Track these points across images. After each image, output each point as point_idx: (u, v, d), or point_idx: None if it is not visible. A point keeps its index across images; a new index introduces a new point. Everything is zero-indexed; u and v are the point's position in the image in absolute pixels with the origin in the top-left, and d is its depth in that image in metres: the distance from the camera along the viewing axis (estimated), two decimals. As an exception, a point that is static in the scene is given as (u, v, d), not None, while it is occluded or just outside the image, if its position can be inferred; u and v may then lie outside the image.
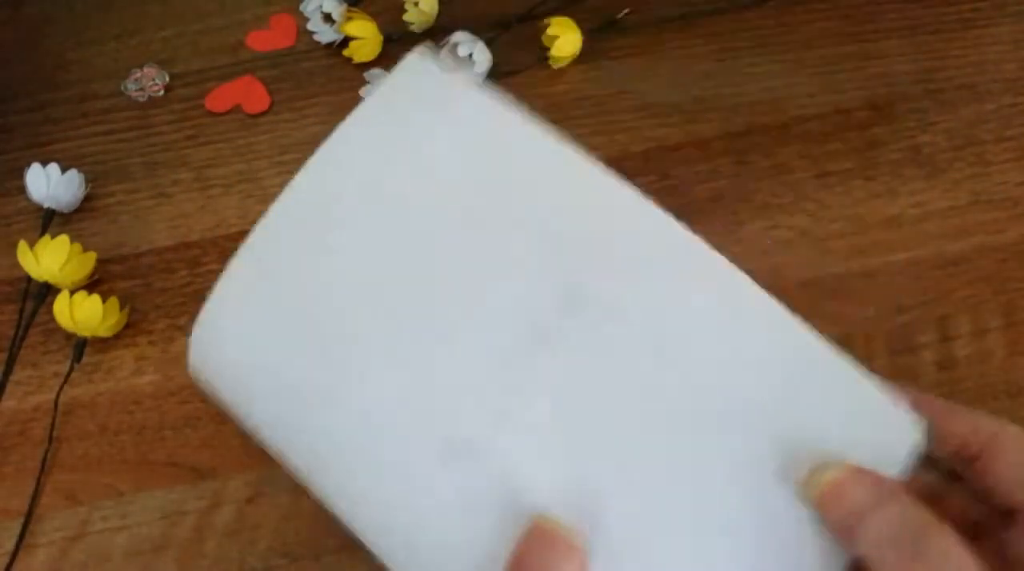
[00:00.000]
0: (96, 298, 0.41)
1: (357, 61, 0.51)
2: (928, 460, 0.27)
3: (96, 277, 0.45)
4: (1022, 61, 0.49)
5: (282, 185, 0.47)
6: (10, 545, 0.38)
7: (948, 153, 0.45)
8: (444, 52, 0.50)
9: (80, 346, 0.42)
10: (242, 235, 0.45)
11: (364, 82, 0.49)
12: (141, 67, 0.52)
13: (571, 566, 0.26)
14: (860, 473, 0.27)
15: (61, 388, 0.41)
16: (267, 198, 0.47)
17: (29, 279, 0.44)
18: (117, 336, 0.43)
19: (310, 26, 0.53)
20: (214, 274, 0.45)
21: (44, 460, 0.40)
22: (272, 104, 0.50)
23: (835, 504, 0.26)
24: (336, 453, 0.27)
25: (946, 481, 0.29)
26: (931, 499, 0.26)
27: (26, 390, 0.42)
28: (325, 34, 0.52)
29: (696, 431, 0.27)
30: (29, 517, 0.38)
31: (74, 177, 0.46)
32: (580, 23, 0.49)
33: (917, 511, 0.26)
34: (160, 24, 0.55)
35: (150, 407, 0.41)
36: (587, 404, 0.27)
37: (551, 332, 0.27)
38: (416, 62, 0.30)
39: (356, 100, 0.50)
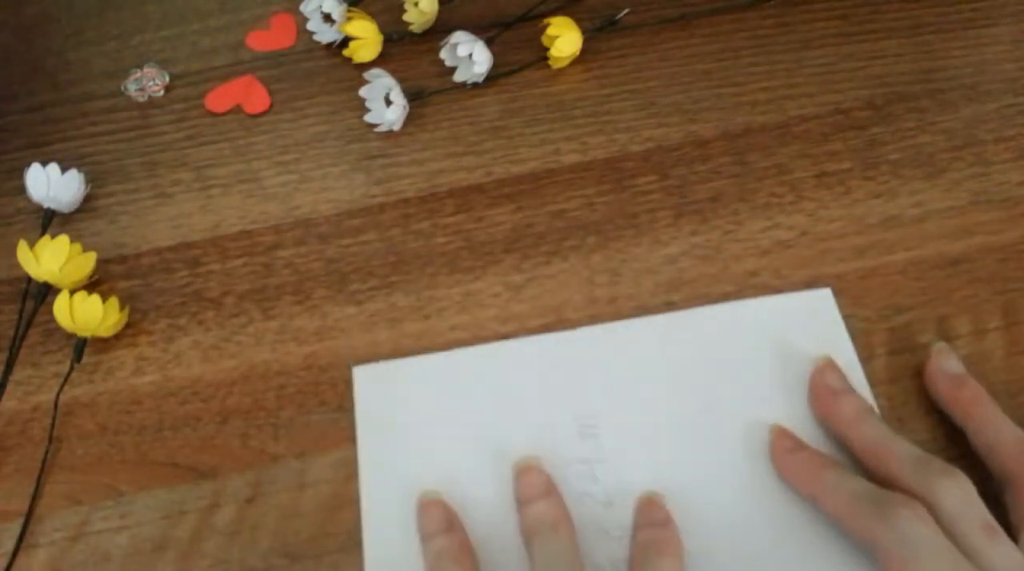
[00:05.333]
0: (96, 298, 0.41)
1: (357, 61, 0.51)
2: None
3: (96, 277, 0.45)
4: (1022, 61, 0.49)
5: (282, 185, 0.47)
6: (10, 545, 0.38)
7: (948, 153, 0.45)
8: (444, 52, 0.50)
9: (80, 346, 0.42)
10: (242, 235, 0.46)
11: (364, 82, 0.49)
12: (141, 67, 0.52)
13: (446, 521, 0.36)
14: (781, 431, 0.37)
15: (61, 388, 0.41)
16: (267, 198, 0.47)
17: (29, 279, 0.44)
18: (117, 336, 0.43)
19: (310, 26, 0.53)
20: (214, 274, 0.45)
21: (44, 460, 0.40)
22: (272, 104, 0.51)
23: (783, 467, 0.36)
24: None
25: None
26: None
27: (26, 390, 0.42)
28: (325, 34, 0.52)
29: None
30: (29, 517, 0.38)
31: (74, 177, 0.46)
32: (580, 23, 0.49)
33: (814, 454, 0.35)
34: (160, 24, 0.55)
35: (150, 407, 0.41)
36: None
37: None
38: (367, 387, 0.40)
39: (356, 100, 0.50)
